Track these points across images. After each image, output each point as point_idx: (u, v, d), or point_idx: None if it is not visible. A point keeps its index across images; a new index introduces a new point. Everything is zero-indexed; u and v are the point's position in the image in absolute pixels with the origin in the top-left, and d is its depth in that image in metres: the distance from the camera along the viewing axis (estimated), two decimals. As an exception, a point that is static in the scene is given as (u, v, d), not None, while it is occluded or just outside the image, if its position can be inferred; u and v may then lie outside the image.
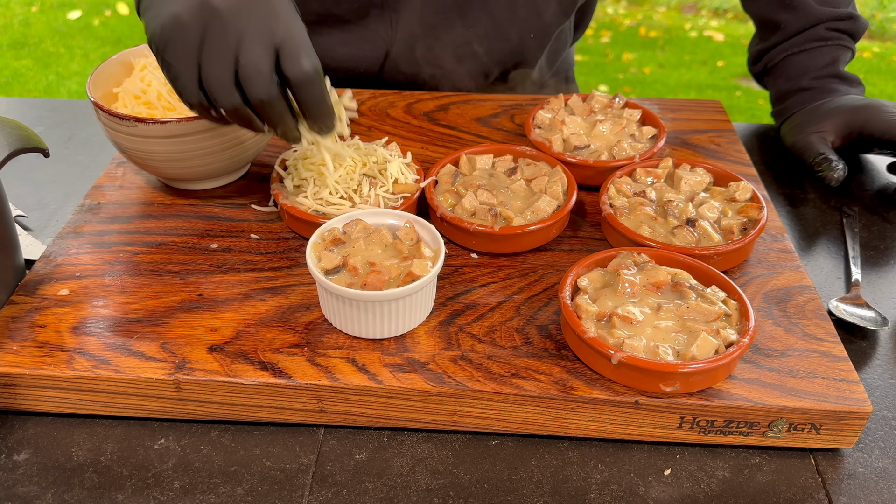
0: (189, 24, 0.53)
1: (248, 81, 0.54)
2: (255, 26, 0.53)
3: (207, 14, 0.52)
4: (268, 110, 0.55)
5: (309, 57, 0.55)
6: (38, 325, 0.58)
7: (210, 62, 0.53)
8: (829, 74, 0.87)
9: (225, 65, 0.53)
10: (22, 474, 0.52)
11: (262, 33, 0.53)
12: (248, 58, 0.53)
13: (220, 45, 0.53)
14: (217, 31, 0.53)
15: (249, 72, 0.53)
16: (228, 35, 0.53)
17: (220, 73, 0.54)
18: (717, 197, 0.69)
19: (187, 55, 0.54)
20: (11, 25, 3.46)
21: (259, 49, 0.53)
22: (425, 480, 0.53)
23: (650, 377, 0.53)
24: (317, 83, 0.56)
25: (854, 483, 0.53)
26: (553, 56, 1.00)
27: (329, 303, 0.57)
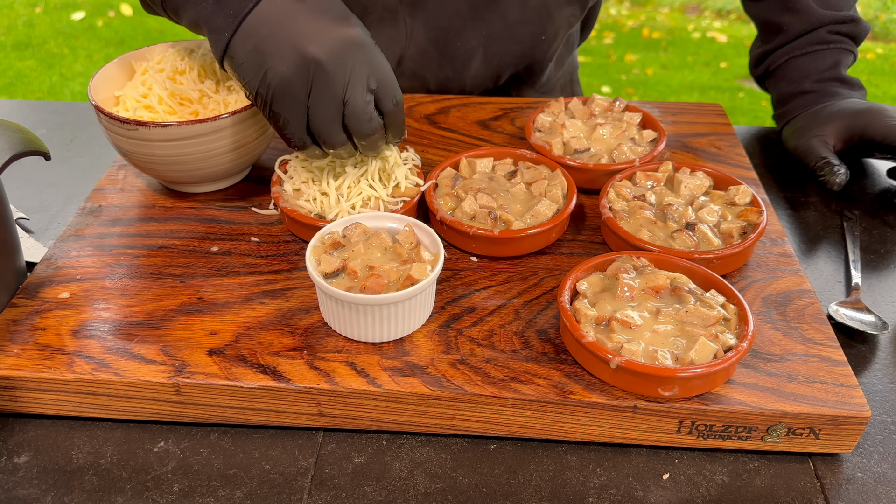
0: (297, 82, 0.58)
1: (355, 122, 0.60)
2: (357, 74, 0.58)
3: (314, 69, 0.57)
4: (371, 143, 0.62)
5: (398, 92, 0.62)
6: (39, 327, 0.58)
7: (318, 110, 0.59)
8: (830, 78, 0.87)
9: (333, 111, 0.59)
10: (22, 477, 0.53)
11: (363, 78, 0.59)
12: (353, 102, 0.59)
13: (327, 95, 0.58)
14: (323, 82, 0.58)
15: (357, 115, 0.59)
16: (334, 85, 0.58)
17: (329, 119, 0.59)
18: (716, 201, 0.69)
19: (297, 108, 0.59)
20: (15, 26, 3.47)
21: (361, 93, 0.59)
22: (424, 484, 0.53)
23: (649, 381, 0.53)
24: (402, 111, 0.63)
25: (853, 488, 0.53)
26: (560, 58, 1.01)
27: (328, 306, 0.58)
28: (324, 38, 0.57)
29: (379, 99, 0.61)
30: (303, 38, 0.57)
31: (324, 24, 0.58)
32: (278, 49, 0.57)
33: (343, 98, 0.58)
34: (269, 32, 0.58)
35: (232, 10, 0.58)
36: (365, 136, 0.61)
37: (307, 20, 0.58)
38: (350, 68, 0.58)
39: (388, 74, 0.61)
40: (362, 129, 0.60)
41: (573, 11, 0.93)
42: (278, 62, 0.57)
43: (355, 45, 0.58)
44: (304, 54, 0.57)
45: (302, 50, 0.57)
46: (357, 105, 0.59)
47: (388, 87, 0.61)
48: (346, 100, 0.59)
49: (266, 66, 0.58)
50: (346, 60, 0.58)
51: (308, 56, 0.57)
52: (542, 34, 0.92)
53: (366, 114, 0.60)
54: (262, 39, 0.58)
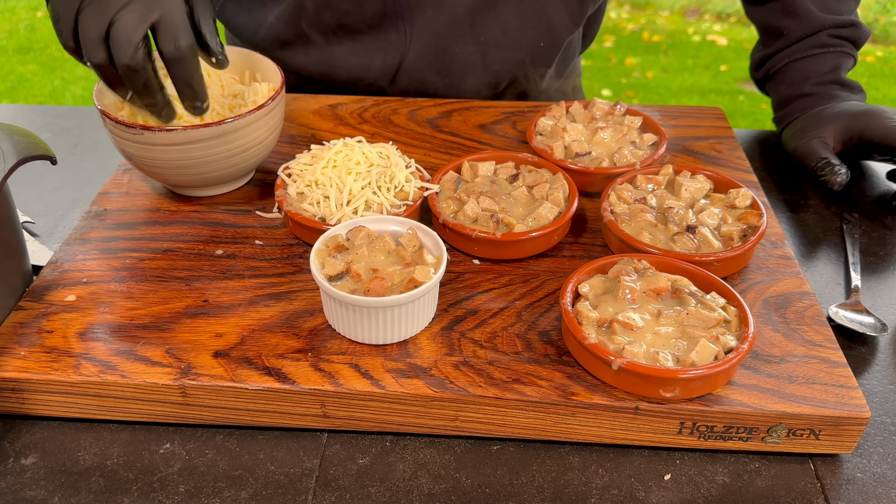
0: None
1: (115, 44, 0.59)
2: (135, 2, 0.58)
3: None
4: (132, 76, 0.60)
5: (183, 37, 0.60)
6: (46, 330, 0.59)
7: (87, 17, 0.59)
8: (830, 81, 0.87)
9: (98, 23, 0.58)
10: (29, 478, 0.53)
11: (142, 8, 0.59)
12: (120, 24, 0.58)
13: (97, 8, 0.58)
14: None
15: (118, 37, 0.59)
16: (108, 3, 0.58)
17: (92, 29, 0.59)
18: (717, 204, 0.70)
19: (70, 7, 0.59)
20: (17, 30, 3.48)
21: (133, 19, 0.58)
22: (427, 485, 0.53)
23: (650, 383, 0.53)
24: (187, 61, 0.61)
25: (853, 488, 0.53)
26: (562, 65, 1.01)
27: (332, 309, 0.58)
28: None
29: (158, 37, 0.60)
30: None
31: None
32: None
33: (113, 15, 0.58)
34: None
35: None
36: (123, 64, 0.59)
37: None
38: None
39: (174, 14, 0.60)
40: (121, 56, 0.59)
41: (572, 19, 0.93)
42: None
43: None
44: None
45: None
46: (120, 27, 0.58)
47: (170, 26, 0.60)
48: (114, 20, 0.58)
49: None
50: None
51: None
52: (541, 41, 0.92)
53: (129, 41, 0.58)
54: None
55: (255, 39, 0.93)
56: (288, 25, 0.90)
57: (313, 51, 0.91)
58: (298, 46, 0.91)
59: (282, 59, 0.77)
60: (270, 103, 0.69)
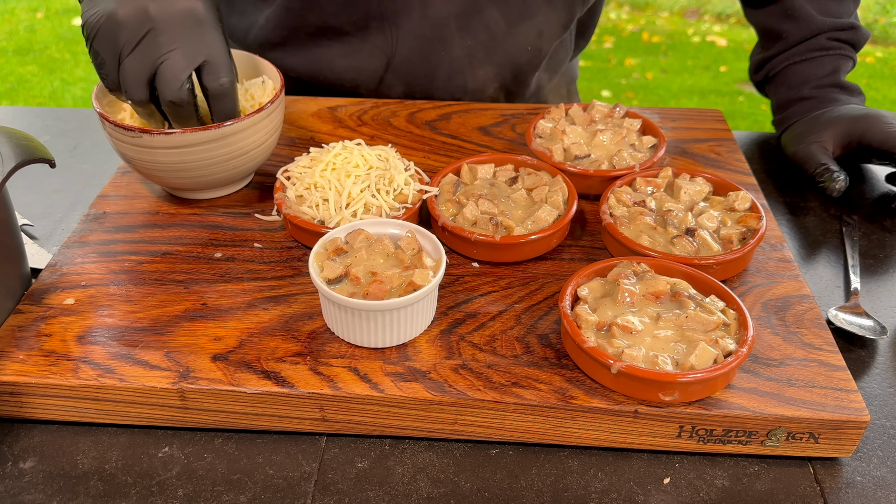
0: (123, 25, 0.60)
1: (163, 83, 0.62)
2: (183, 45, 0.61)
3: (143, 20, 0.60)
4: (177, 112, 0.64)
5: (227, 74, 0.64)
6: (44, 333, 0.59)
7: (132, 60, 0.61)
8: (830, 84, 0.87)
9: (144, 65, 0.61)
10: (28, 482, 0.53)
11: (189, 50, 0.61)
12: (168, 64, 0.61)
13: (146, 50, 0.60)
14: (148, 39, 0.60)
15: (166, 76, 0.61)
16: (158, 45, 0.60)
17: (138, 70, 0.61)
18: (716, 206, 0.70)
19: (114, 50, 0.61)
20: (17, 31, 3.48)
21: (180, 60, 0.61)
22: (426, 489, 0.53)
23: (649, 386, 0.53)
24: (230, 97, 0.65)
25: (852, 492, 0.53)
26: (553, 68, 1.01)
27: (331, 312, 0.58)
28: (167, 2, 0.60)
29: (204, 74, 0.63)
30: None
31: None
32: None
33: (159, 59, 0.61)
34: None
35: None
36: (168, 101, 0.62)
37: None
38: (179, 40, 0.61)
39: (220, 54, 0.63)
40: (167, 93, 0.62)
41: (559, 23, 0.92)
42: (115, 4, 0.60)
43: (193, 19, 0.61)
44: (143, 9, 0.59)
45: (142, 5, 0.60)
46: (168, 68, 0.61)
47: (217, 65, 0.63)
48: (161, 61, 0.61)
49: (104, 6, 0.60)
50: (177, 30, 0.61)
51: (145, 11, 0.59)
52: (528, 45, 0.92)
53: (176, 79, 0.61)
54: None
55: (247, 40, 0.93)
56: (277, 27, 0.90)
57: (301, 52, 0.91)
58: (287, 48, 0.91)
59: (272, 60, 0.78)
60: (270, 106, 0.69)
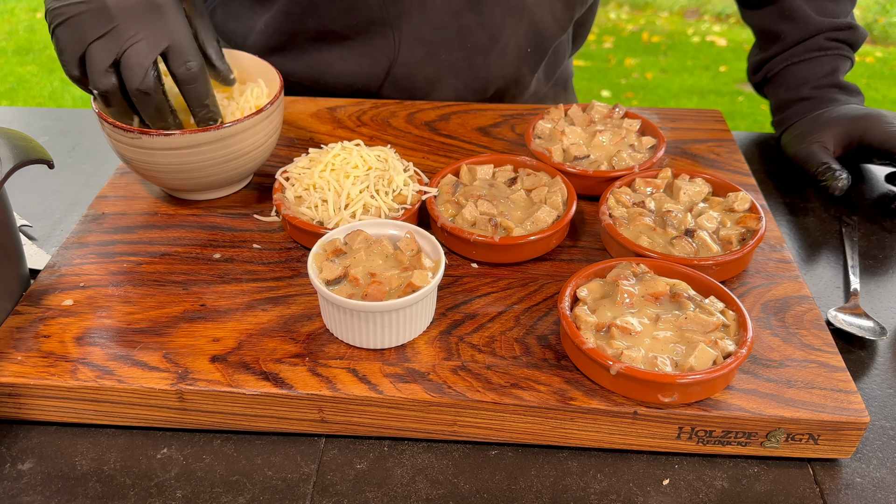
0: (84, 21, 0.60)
1: (126, 70, 0.61)
2: (145, 34, 0.61)
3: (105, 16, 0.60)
4: (143, 100, 0.63)
5: (193, 58, 0.63)
6: (43, 335, 0.59)
7: (97, 48, 0.61)
8: (828, 84, 0.87)
9: (109, 53, 0.61)
10: (26, 483, 0.53)
11: (152, 37, 0.61)
12: (131, 51, 0.61)
13: (109, 40, 0.61)
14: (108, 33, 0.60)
15: (130, 63, 0.61)
16: (116, 38, 0.61)
17: (102, 58, 0.61)
18: (715, 207, 0.70)
19: (76, 42, 0.61)
20: (16, 31, 3.48)
21: (144, 47, 0.61)
22: (425, 490, 0.53)
23: (649, 388, 0.53)
24: (199, 82, 0.64)
25: (852, 493, 0.53)
26: (551, 68, 1.01)
27: (330, 313, 0.58)
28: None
29: (170, 61, 0.63)
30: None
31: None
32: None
33: (122, 48, 0.60)
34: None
35: None
36: (135, 89, 0.62)
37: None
38: (139, 28, 0.61)
39: (183, 37, 0.63)
40: (132, 81, 0.61)
41: (559, 24, 0.92)
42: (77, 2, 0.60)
43: (151, 6, 0.61)
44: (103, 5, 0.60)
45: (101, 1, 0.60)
46: (132, 55, 0.61)
47: (181, 49, 0.63)
48: (124, 49, 0.61)
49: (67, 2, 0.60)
50: (137, 20, 0.61)
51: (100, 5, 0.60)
52: (528, 47, 0.92)
53: (140, 66, 0.61)
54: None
55: (245, 45, 0.93)
56: (276, 32, 0.90)
57: (302, 57, 0.91)
58: (287, 52, 0.91)
59: (271, 64, 0.78)
60: (269, 107, 0.69)
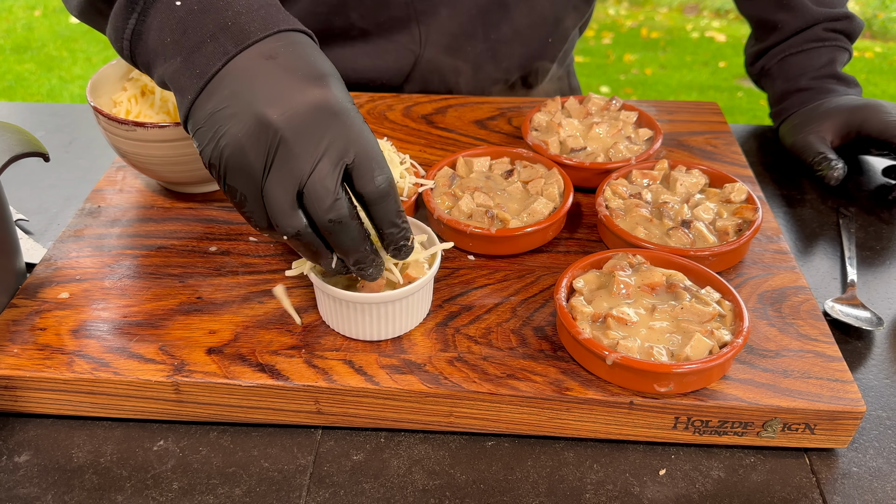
0: (252, 151, 0.47)
1: (313, 201, 0.48)
2: (324, 145, 0.47)
3: (272, 137, 0.47)
4: (337, 232, 0.49)
5: (383, 171, 0.49)
6: (39, 327, 0.59)
7: (271, 185, 0.48)
8: (826, 75, 0.87)
9: (287, 188, 0.48)
10: (23, 476, 0.53)
11: (334, 151, 0.48)
12: (315, 177, 0.47)
13: (285, 169, 0.47)
14: (283, 154, 0.47)
15: (316, 190, 0.47)
16: (295, 158, 0.47)
17: (281, 195, 0.48)
18: (712, 198, 0.70)
19: (250, 182, 0.48)
20: (14, 29, 3.48)
21: (326, 167, 0.47)
22: (422, 481, 0.53)
23: (645, 378, 0.53)
24: (391, 196, 0.50)
25: (848, 482, 0.53)
26: (563, 56, 1.03)
27: (326, 305, 0.58)
28: (287, 100, 0.47)
29: (356, 177, 0.49)
30: (263, 99, 0.47)
31: (291, 83, 0.48)
32: (235, 112, 0.47)
33: (303, 172, 0.47)
34: (230, 93, 0.48)
35: (198, 69, 0.49)
36: (326, 220, 0.48)
37: (273, 79, 0.48)
38: (318, 139, 0.47)
39: (370, 148, 0.49)
40: (322, 211, 0.48)
41: (578, 12, 0.94)
42: (233, 126, 0.47)
43: (326, 111, 0.48)
44: (262, 118, 0.47)
45: (259, 113, 0.47)
46: (318, 180, 0.47)
47: (370, 162, 0.49)
48: (306, 176, 0.47)
49: (220, 132, 0.48)
50: (311, 129, 0.47)
51: (265, 120, 0.47)
52: (549, 37, 0.94)
53: (327, 191, 0.47)
54: (221, 101, 0.48)
55: None
56: None
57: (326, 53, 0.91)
58: None
59: None
60: (264, 99, 0.69)
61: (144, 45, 0.52)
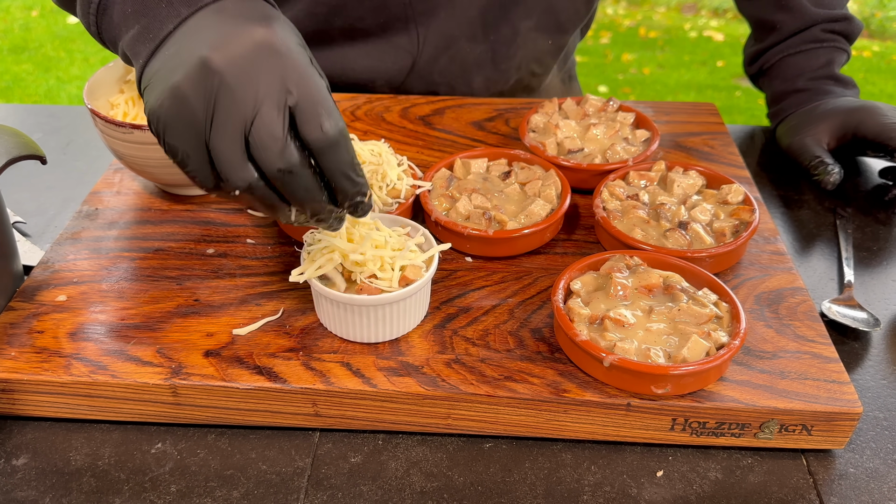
0: (193, 99, 0.44)
1: (260, 150, 0.45)
2: (267, 86, 0.45)
3: (212, 81, 0.44)
4: (289, 182, 0.46)
5: (331, 117, 0.46)
6: (36, 330, 0.59)
7: (216, 135, 0.45)
8: (824, 76, 0.87)
9: (234, 136, 0.45)
10: (20, 479, 0.53)
11: (275, 93, 0.45)
12: (260, 123, 0.44)
13: (228, 115, 0.45)
14: (224, 98, 0.44)
15: (262, 138, 0.45)
16: (238, 101, 0.44)
17: (228, 146, 0.45)
18: (709, 199, 0.70)
19: (193, 133, 0.45)
20: (12, 30, 3.47)
21: (271, 112, 0.45)
22: (420, 483, 0.53)
23: (642, 379, 0.53)
24: (343, 146, 0.47)
25: (845, 483, 0.53)
26: (564, 58, 1.02)
27: (324, 307, 0.58)
28: (228, 43, 0.44)
29: (301, 123, 0.46)
30: (205, 44, 0.44)
31: (235, 26, 0.45)
32: (178, 63, 0.45)
33: (247, 119, 0.44)
34: (176, 48, 0.46)
35: (152, 34, 0.47)
36: (276, 169, 0.45)
37: (217, 26, 0.46)
38: (258, 80, 0.44)
39: (316, 90, 0.46)
40: (270, 160, 0.45)
41: (578, 15, 0.94)
42: (175, 76, 0.45)
43: (269, 51, 0.45)
44: (202, 63, 0.44)
45: (200, 57, 0.44)
46: (263, 125, 0.44)
47: (315, 106, 0.45)
48: (250, 122, 0.44)
49: (161, 85, 0.45)
50: (252, 70, 0.44)
51: (206, 65, 0.44)
52: (549, 39, 0.94)
53: (274, 138, 0.44)
54: (168, 58, 0.46)
55: None
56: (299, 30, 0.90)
57: (325, 54, 0.91)
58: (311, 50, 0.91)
59: None
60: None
61: (109, 20, 0.50)
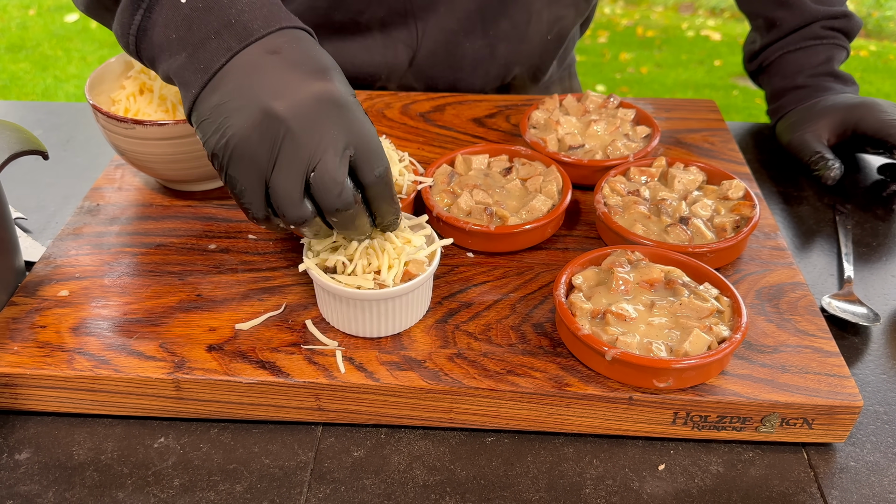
0: (258, 143, 0.49)
1: (321, 192, 0.49)
2: (329, 136, 0.49)
3: (278, 129, 0.48)
4: (343, 218, 0.51)
5: (381, 161, 0.51)
6: (39, 325, 0.59)
7: (279, 176, 0.49)
8: (824, 73, 0.87)
9: (295, 179, 0.49)
10: (23, 473, 0.53)
11: (337, 142, 0.49)
12: (322, 168, 0.49)
13: (291, 160, 0.49)
14: (288, 145, 0.48)
15: (325, 183, 0.49)
16: (301, 148, 0.48)
17: (290, 187, 0.49)
18: (710, 195, 0.70)
19: (255, 173, 0.50)
20: (9, 29, 3.47)
21: (333, 158, 0.49)
22: (422, 477, 0.53)
23: (644, 373, 0.53)
24: (389, 183, 0.52)
25: (846, 477, 0.54)
26: (563, 55, 1.03)
27: (327, 301, 0.58)
28: (292, 93, 0.49)
29: (358, 168, 0.50)
30: (269, 92, 0.49)
31: (295, 77, 0.50)
32: (241, 105, 0.49)
33: (310, 164, 0.49)
34: (235, 87, 0.49)
35: (202, 64, 0.50)
36: (334, 209, 0.50)
37: (277, 73, 0.49)
38: (322, 130, 0.49)
39: (370, 139, 0.50)
40: (330, 201, 0.49)
41: (577, 10, 0.94)
42: (238, 118, 0.49)
43: (330, 103, 0.49)
44: (268, 111, 0.48)
45: (265, 106, 0.48)
46: (326, 171, 0.49)
47: (370, 154, 0.50)
48: (314, 166, 0.49)
49: (226, 124, 0.49)
50: (316, 120, 0.49)
51: (271, 113, 0.48)
52: (548, 34, 0.94)
53: (336, 183, 0.49)
54: (226, 94, 0.49)
55: None
56: None
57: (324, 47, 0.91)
58: None
59: None
60: (263, 97, 0.69)
61: (149, 41, 0.53)
